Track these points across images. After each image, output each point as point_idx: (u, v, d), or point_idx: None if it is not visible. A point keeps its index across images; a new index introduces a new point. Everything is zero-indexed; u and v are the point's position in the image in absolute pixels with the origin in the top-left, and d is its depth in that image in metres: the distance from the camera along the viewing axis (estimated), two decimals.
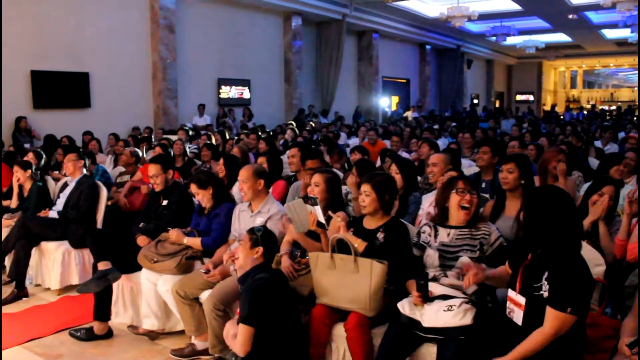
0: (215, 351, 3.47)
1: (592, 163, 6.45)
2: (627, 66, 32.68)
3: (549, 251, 2.44)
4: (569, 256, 2.40)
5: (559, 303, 2.34)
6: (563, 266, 2.37)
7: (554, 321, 2.35)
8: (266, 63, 15.07)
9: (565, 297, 2.34)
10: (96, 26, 10.95)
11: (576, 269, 2.36)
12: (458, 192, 3.06)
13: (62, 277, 4.90)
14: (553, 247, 2.42)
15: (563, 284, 2.35)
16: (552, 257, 2.42)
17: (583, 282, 2.37)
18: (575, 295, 2.34)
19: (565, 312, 2.32)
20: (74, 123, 10.26)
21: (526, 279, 2.52)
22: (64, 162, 5.24)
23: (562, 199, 2.47)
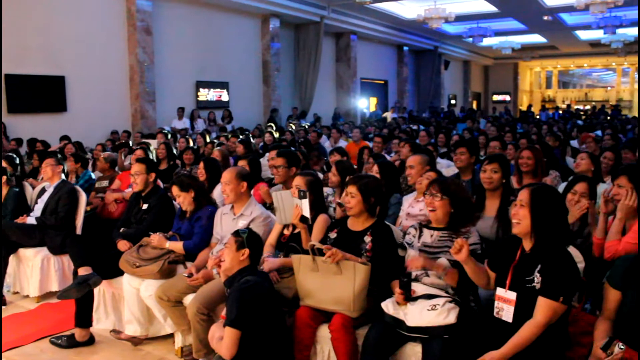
0: (199, 355, 3.46)
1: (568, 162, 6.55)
2: (600, 67, 33.22)
3: (543, 246, 2.56)
4: (561, 249, 2.55)
5: (551, 292, 2.46)
6: (555, 259, 2.51)
7: (547, 310, 2.45)
8: (244, 65, 15.02)
9: (557, 286, 2.46)
10: (72, 29, 10.80)
11: (567, 262, 2.52)
12: (426, 195, 3.12)
13: (41, 284, 4.84)
14: (549, 242, 2.55)
15: (555, 274, 2.48)
16: (545, 252, 2.54)
17: (573, 274, 2.52)
18: (567, 285, 2.48)
19: (558, 301, 2.44)
20: (50, 127, 10.11)
21: (516, 275, 2.61)
22: (42, 166, 5.17)
23: (557, 197, 2.67)
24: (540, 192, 2.62)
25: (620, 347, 2.32)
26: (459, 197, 3.04)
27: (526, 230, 2.60)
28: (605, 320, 2.58)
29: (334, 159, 5.78)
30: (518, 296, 2.58)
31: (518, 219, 2.61)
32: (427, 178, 4.03)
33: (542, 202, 2.58)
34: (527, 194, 2.61)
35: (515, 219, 2.63)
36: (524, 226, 2.59)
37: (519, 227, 2.61)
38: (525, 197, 2.61)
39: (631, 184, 3.32)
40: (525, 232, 2.60)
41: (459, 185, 3.15)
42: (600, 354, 2.37)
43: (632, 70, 31.88)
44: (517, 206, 2.64)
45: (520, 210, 2.61)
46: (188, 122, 12.85)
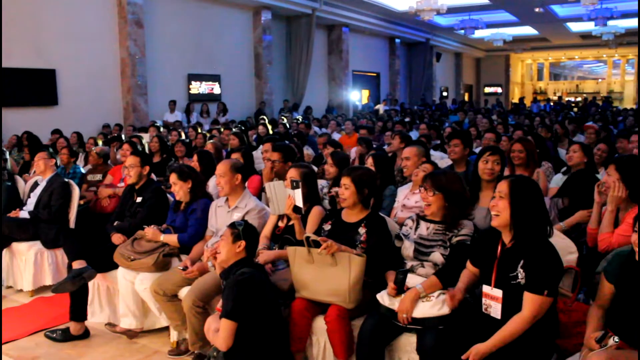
0: (195, 348, 3.46)
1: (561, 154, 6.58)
2: (591, 58, 33.34)
3: (523, 240, 2.55)
4: (541, 243, 2.53)
5: (536, 287, 2.46)
6: (537, 253, 2.50)
7: (533, 305, 2.45)
8: (236, 58, 14.96)
9: (541, 281, 2.46)
10: (62, 22, 10.71)
11: (549, 255, 2.51)
12: (421, 189, 3.14)
13: (34, 278, 4.81)
14: (529, 235, 2.54)
15: (538, 269, 2.48)
16: (526, 246, 2.53)
17: (556, 266, 2.52)
18: (550, 278, 2.48)
19: (543, 295, 2.44)
20: (41, 121, 10.01)
21: (500, 272, 2.60)
22: (35, 160, 5.13)
23: (537, 189, 2.65)
24: (520, 184, 2.61)
25: (615, 340, 2.33)
26: (452, 191, 3.04)
27: (505, 222, 2.58)
28: (599, 308, 2.58)
29: (327, 152, 5.77)
30: (504, 293, 2.58)
31: (497, 210, 2.60)
32: (424, 170, 4.04)
33: (521, 193, 2.57)
34: (507, 186, 2.59)
35: (494, 210, 2.62)
36: (503, 218, 2.58)
37: (498, 219, 2.60)
38: (505, 188, 2.59)
39: (618, 174, 3.33)
40: (505, 224, 2.59)
41: (452, 178, 3.13)
42: (594, 345, 2.38)
43: (622, 62, 32.02)
44: (497, 198, 2.62)
45: (499, 201, 2.59)
46: (180, 115, 12.80)
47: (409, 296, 2.85)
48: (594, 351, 2.34)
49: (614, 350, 2.31)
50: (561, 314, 2.86)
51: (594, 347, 2.38)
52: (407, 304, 2.83)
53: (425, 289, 2.86)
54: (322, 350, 3.17)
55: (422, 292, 2.85)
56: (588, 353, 2.39)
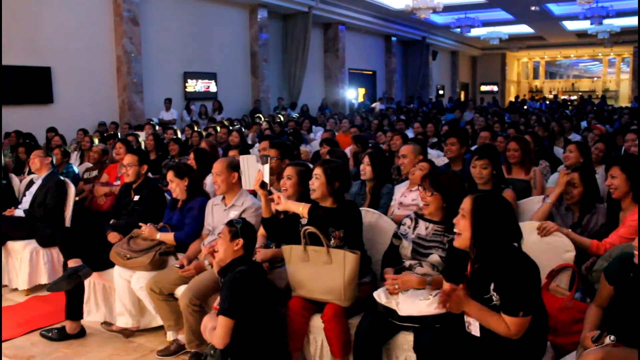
0: (192, 346, 3.46)
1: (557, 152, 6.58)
2: (587, 57, 33.42)
3: (491, 261, 2.43)
4: (511, 262, 2.40)
5: (510, 309, 2.37)
6: (506, 274, 2.38)
7: (512, 326, 2.38)
8: (232, 56, 14.94)
9: (514, 303, 2.36)
10: (58, 19, 10.68)
11: (519, 273, 2.37)
12: (420, 188, 3.12)
13: (30, 276, 4.80)
14: (496, 255, 2.42)
15: (511, 292, 2.37)
16: (494, 266, 2.42)
17: (529, 284, 2.38)
18: (524, 299, 2.36)
19: (518, 317, 2.36)
20: (36, 119, 10.00)
21: (474, 292, 2.50)
22: (31, 158, 5.10)
23: (503, 205, 2.48)
24: (483, 201, 2.44)
25: (611, 339, 2.32)
26: (451, 192, 2.99)
27: (466, 243, 2.44)
28: (597, 307, 2.57)
29: (324, 150, 5.77)
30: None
31: (458, 229, 2.46)
32: (420, 168, 4.04)
33: (484, 211, 2.41)
34: (469, 203, 2.44)
35: (456, 229, 2.48)
36: (464, 238, 2.44)
37: (460, 240, 2.46)
38: (467, 206, 2.44)
39: (624, 174, 3.34)
40: (465, 245, 2.44)
41: (451, 179, 3.06)
42: (590, 344, 2.37)
43: (618, 60, 32.12)
44: (459, 216, 2.48)
45: (461, 220, 2.45)
46: (176, 113, 12.77)
47: (414, 278, 2.87)
48: (591, 349, 2.33)
49: (610, 348, 2.30)
50: (559, 313, 2.86)
51: (590, 347, 2.37)
52: (406, 281, 2.85)
53: (432, 284, 2.86)
54: (320, 349, 3.17)
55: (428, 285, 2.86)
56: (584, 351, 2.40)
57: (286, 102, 16.61)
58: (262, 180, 3.24)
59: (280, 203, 3.12)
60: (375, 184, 4.28)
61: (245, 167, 3.34)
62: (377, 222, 3.62)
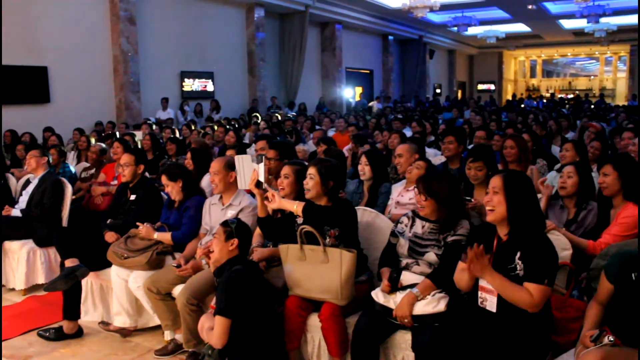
0: (189, 346, 3.45)
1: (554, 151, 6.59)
2: (584, 56, 33.45)
3: (520, 232, 2.57)
4: (537, 235, 2.56)
5: (536, 277, 2.48)
6: (534, 244, 2.53)
7: (536, 294, 2.47)
8: (229, 55, 14.91)
9: (541, 270, 2.49)
10: (54, 19, 10.64)
11: (546, 246, 2.54)
12: (415, 192, 3.12)
13: (27, 276, 4.78)
14: (525, 227, 2.56)
15: (537, 259, 2.50)
16: (523, 238, 2.55)
17: (553, 257, 2.54)
18: (549, 268, 2.51)
19: (544, 284, 2.47)
20: (33, 119, 9.96)
21: (497, 265, 2.58)
22: (27, 158, 5.09)
23: (530, 182, 2.68)
24: (513, 177, 2.63)
25: (609, 339, 2.33)
26: (443, 196, 2.97)
27: (502, 216, 2.58)
28: (597, 305, 2.58)
29: (320, 149, 5.76)
30: None
31: (492, 205, 2.59)
32: (417, 167, 4.05)
33: (515, 187, 2.58)
34: (500, 180, 2.60)
35: (489, 206, 2.61)
36: (500, 213, 2.58)
37: (494, 214, 2.59)
38: (498, 183, 2.59)
39: (617, 172, 3.37)
40: (502, 218, 2.59)
41: (443, 184, 3.02)
42: (589, 343, 2.37)
43: (614, 59, 32.16)
44: (490, 193, 2.61)
45: (494, 197, 2.59)
46: (172, 113, 12.75)
47: (406, 300, 2.85)
48: (590, 348, 2.34)
49: (609, 347, 2.31)
50: (556, 311, 2.87)
51: (589, 345, 2.37)
52: (404, 309, 2.84)
53: (421, 292, 2.86)
54: (317, 348, 3.17)
55: (418, 295, 2.86)
56: (583, 350, 2.40)
57: (282, 101, 16.59)
58: (257, 179, 3.24)
59: (274, 201, 3.12)
60: (373, 183, 4.29)
61: (241, 166, 3.33)
62: (374, 221, 3.63)
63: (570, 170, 3.60)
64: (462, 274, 2.71)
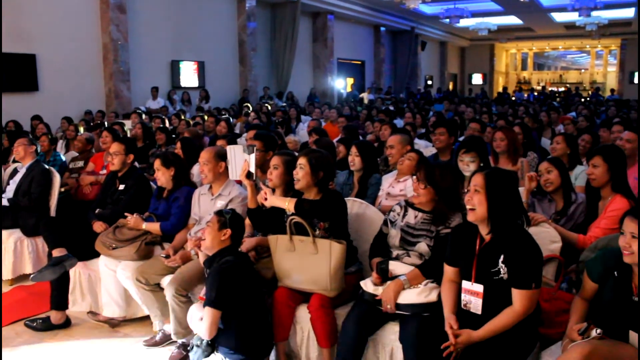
0: (178, 336, 3.44)
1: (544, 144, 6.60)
2: (575, 49, 33.55)
3: (502, 233, 2.51)
4: (520, 235, 2.50)
5: (523, 282, 2.43)
6: (518, 246, 2.46)
7: (523, 300, 2.42)
8: (220, 45, 14.83)
9: (527, 275, 2.43)
10: (43, 6, 10.52)
11: (530, 247, 2.47)
12: (413, 178, 3.10)
13: (14, 266, 4.74)
14: (506, 228, 2.50)
15: (522, 263, 2.44)
16: (505, 239, 2.49)
17: (538, 257, 2.48)
18: (535, 270, 2.45)
19: (531, 289, 2.42)
20: (21, 107, 9.85)
21: (480, 268, 2.55)
22: (15, 146, 5.03)
23: (513, 181, 2.60)
24: (495, 176, 2.53)
25: (597, 332, 2.34)
26: (443, 186, 2.96)
27: (482, 216, 2.51)
28: (582, 299, 2.59)
29: (312, 140, 5.75)
30: (485, 288, 2.53)
31: (472, 204, 2.52)
32: (409, 159, 4.04)
33: (497, 186, 2.49)
34: (482, 179, 2.50)
35: (470, 205, 2.53)
36: (480, 212, 2.50)
37: (475, 214, 2.52)
38: (480, 181, 2.50)
39: (606, 164, 3.37)
40: (482, 218, 2.51)
41: (445, 174, 3.02)
42: (576, 337, 2.38)
43: (605, 52, 32.28)
44: (471, 191, 2.53)
45: (475, 195, 2.51)
46: (163, 102, 12.67)
47: (392, 287, 2.84)
48: (577, 342, 2.34)
49: (596, 340, 2.32)
50: (544, 303, 2.87)
51: (576, 339, 2.38)
52: (390, 294, 2.82)
53: (409, 281, 2.85)
54: (306, 339, 3.17)
55: (406, 284, 2.85)
56: (569, 344, 2.40)
57: (273, 91, 16.53)
58: (248, 170, 3.22)
59: (267, 199, 3.10)
60: (363, 174, 4.28)
61: (232, 157, 3.32)
62: (364, 212, 3.62)
63: (546, 166, 3.62)
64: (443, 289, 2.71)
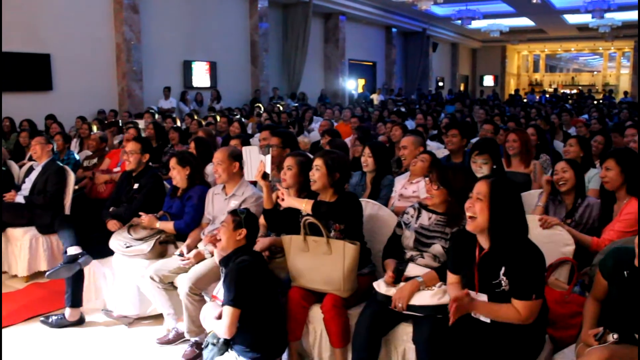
0: (191, 335, 3.46)
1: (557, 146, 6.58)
2: (587, 51, 33.32)
3: (502, 244, 2.44)
4: (521, 247, 2.42)
5: (523, 294, 2.38)
6: (518, 258, 2.39)
7: (524, 310, 2.39)
8: (232, 45, 14.87)
9: (527, 287, 2.38)
10: (57, 6, 10.61)
11: (531, 258, 2.40)
12: (426, 179, 3.10)
13: (29, 263, 4.80)
14: (507, 240, 2.43)
15: (522, 275, 2.39)
16: (505, 250, 2.43)
17: (539, 268, 2.42)
18: (536, 281, 2.39)
19: (531, 300, 2.38)
20: (35, 106, 9.94)
21: (482, 277, 2.51)
22: (32, 144, 5.08)
23: (517, 191, 2.54)
24: (500, 185, 2.44)
25: (614, 336, 2.31)
26: (457, 188, 2.94)
27: (483, 226, 2.43)
28: (594, 301, 2.57)
29: (324, 141, 5.76)
30: (490, 298, 2.49)
31: (473, 212, 2.43)
32: (422, 160, 4.04)
33: (501, 195, 2.41)
34: (486, 187, 2.42)
35: (470, 212, 2.45)
36: (481, 222, 2.42)
37: (475, 223, 2.44)
38: (484, 189, 2.42)
39: (619, 166, 3.36)
40: (482, 228, 2.43)
41: (459, 175, 3.00)
42: (592, 341, 2.35)
43: (618, 54, 32.05)
44: (473, 198, 2.45)
45: (477, 203, 2.43)
46: (175, 102, 12.74)
47: (408, 287, 2.84)
48: (595, 346, 2.32)
49: (614, 345, 2.29)
50: (557, 306, 2.87)
51: (592, 344, 2.35)
52: (405, 293, 2.82)
53: (425, 282, 2.85)
54: (319, 339, 3.18)
55: (422, 285, 2.85)
56: (584, 348, 2.39)
57: (284, 92, 16.54)
58: (264, 171, 3.25)
59: (284, 199, 3.12)
60: (376, 175, 4.28)
61: (248, 158, 3.36)
62: (377, 213, 3.62)
63: (563, 165, 3.62)
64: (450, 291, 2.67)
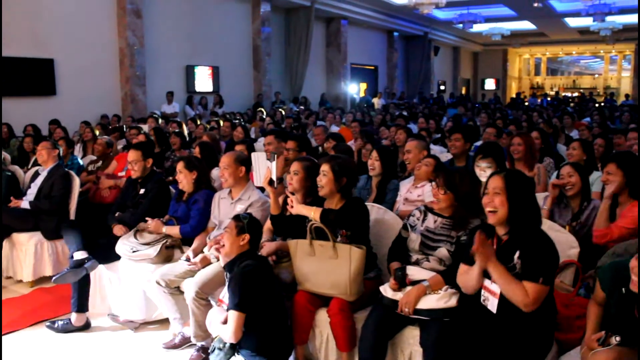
0: (197, 340, 3.47)
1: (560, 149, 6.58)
2: (588, 54, 33.35)
3: (519, 232, 2.53)
4: (536, 233, 2.53)
5: (531, 275, 2.44)
6: (533, 242, 2.49)
7: (531, 292, 2.43)
8: (235, 50, 14.90)
9: (536, 268, 2.45)
10: (61, 11, 10.64)
11: (544, 244, 2.50)
12: (432, 183, 3.11)
13: (35, 268, 4.81)
14: (524, 227, 2.53)
15: (534, 257, 2.47)
16: (521, 237, 2.52)
17: (551, 255, 2.50)
18: (545, 266, 2.47)
19: (538, 283, 2.42)
20: (38, 111, 9.97)
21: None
22: (38, 149, 5.09)
23: (530, 181, 2.67)
24: (514, 177, 2.57)
25: (616, 339, 2.34)
26: (463, 192, 2.97)
27: (504, 218, 2.52)
28: (596, 304, 2.59)
29: (329, 145, 5.77)
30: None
31: (494, 207, 2.53)
32: (426, 164, 4.05)
33: (517, 187, 2.53)
34: (501, 181, 2.53)
35: (491, 207, 2.54)
36: (502, 214, 2.52)
37: (497, 216, 2.53)
38: (500, 184, 2.53)
39: (621, 170, 3.38)
40: (504, 220, 2.53)
41: (465, 179, 3.03)
42: (595, 346, 2.38)
43: (619, 57, 32.06)
44: (491, 194, 2.55)
45: (495, 198, 2.53)
46: (178, 107, 12.77)
47: (415, 292, 2.85)
48: (600, 349, 2.35)
49: (619, 347, 2.32)
50: (563, 308, 2.88)
51: (595, 348, 2.38)
52: (411, 297, 2.83)
53: (431, 286, 2.86)
54: (325, 343, 3.19)
55: (428, 289, 2.86)
56: (588, 352, 2.41)
57: (286, 96, 16.56)
58: (270, 177, 3.26)
59: (293, 207, 3.14)
60: (382, 179, 4.29)
61: (256, 164, 3.39)
62: (383, 217, 3.64)
63: (568, 170, 3.65)
64: (464, 276, 2.69)
